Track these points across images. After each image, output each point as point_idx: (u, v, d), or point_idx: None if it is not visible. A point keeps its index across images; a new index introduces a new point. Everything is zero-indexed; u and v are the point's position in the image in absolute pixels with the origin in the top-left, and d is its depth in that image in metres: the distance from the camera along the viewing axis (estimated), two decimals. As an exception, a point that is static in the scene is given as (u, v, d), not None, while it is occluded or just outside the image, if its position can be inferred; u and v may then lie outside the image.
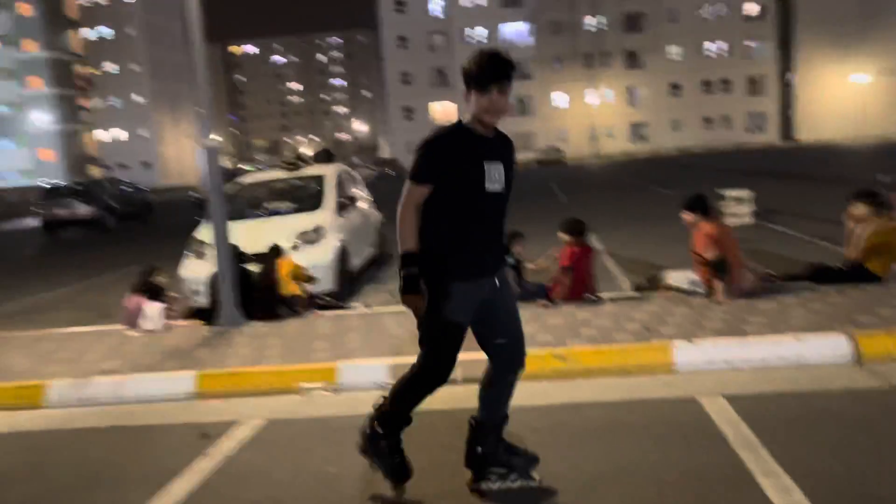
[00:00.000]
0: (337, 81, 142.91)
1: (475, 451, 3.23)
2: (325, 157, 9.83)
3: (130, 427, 4.50)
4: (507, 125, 3.25)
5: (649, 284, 6.81)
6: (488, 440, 3.23)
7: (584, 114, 66.86)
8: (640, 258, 9.05)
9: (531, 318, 5.86)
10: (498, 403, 3.23)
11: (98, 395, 5.05)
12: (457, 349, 3.05)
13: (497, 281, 3.13)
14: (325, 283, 7.69)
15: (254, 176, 10.43)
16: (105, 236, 20.26)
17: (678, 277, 6.40)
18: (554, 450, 3.62)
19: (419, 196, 3.00)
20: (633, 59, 66.49)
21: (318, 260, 7.65)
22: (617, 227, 12.17)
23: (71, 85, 67.25)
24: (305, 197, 8.72)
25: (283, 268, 6.97)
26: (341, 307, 7.35)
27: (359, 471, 3.44)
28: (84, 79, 69.76)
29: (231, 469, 3.72)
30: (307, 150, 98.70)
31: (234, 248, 7.10)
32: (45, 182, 30.86)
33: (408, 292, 2.94)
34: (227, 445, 4.02)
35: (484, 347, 3.19)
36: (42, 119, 64.35)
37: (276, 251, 7.02)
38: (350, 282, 8.46)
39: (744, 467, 3.27)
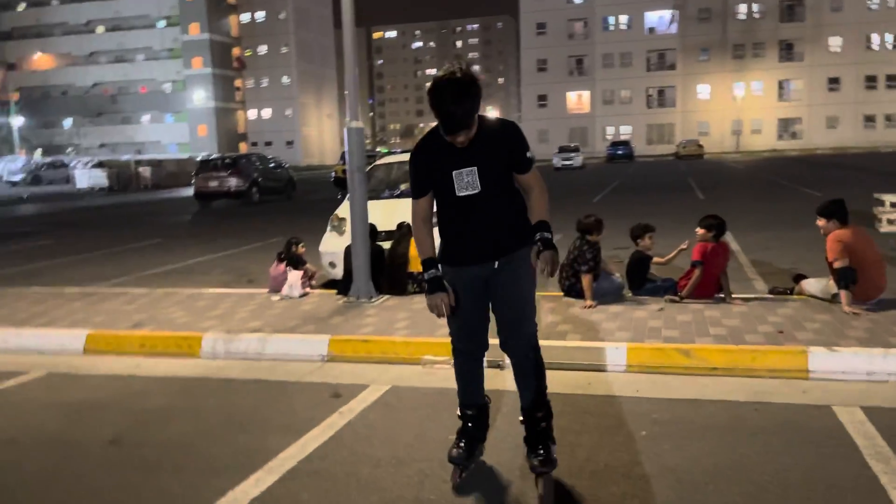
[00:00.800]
0: (472, 68, 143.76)
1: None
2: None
3: (271, 381, 4.90)
4: (645, 116, 3.23)
5: (785, 290, 6.52)
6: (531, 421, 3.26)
7: (728, 107, 63.60)
8: (780, 262, 8.62)
9: (654, 314, 5.80)
10: (519, 386, 3.27)
11: (244, 349, 5.53)
12: (457, 324, 3.24)
13: (497, 268, 3.17)
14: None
15: (389, 158, 10.84)
16: (250, 208, 21.69)
17: (814, 285, 6.10)
18: (672, 441, 3.62)
19: (420, 210, 3.23)
20: (788, 51, 62.42)
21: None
22: (757, 229, 11.61)
23: (228, 65, 72.17)
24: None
25: (413, 246, 7.27)
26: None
27: (478, 441, 3.60)
28: (239, 60, 74.60)
29: (359, 427, 3.99)
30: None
31: (371, 226, 7.49)
32: (203, 155, 33.25)
33: (431, 292, 3.12)
34: (356, 406, 4.31)
35: None
36: (200, 97, 69.50)
37: (407, 229, 7.32)
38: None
39: (876, 480, 3.13)
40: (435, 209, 3.27)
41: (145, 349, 5.72)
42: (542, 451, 3.15)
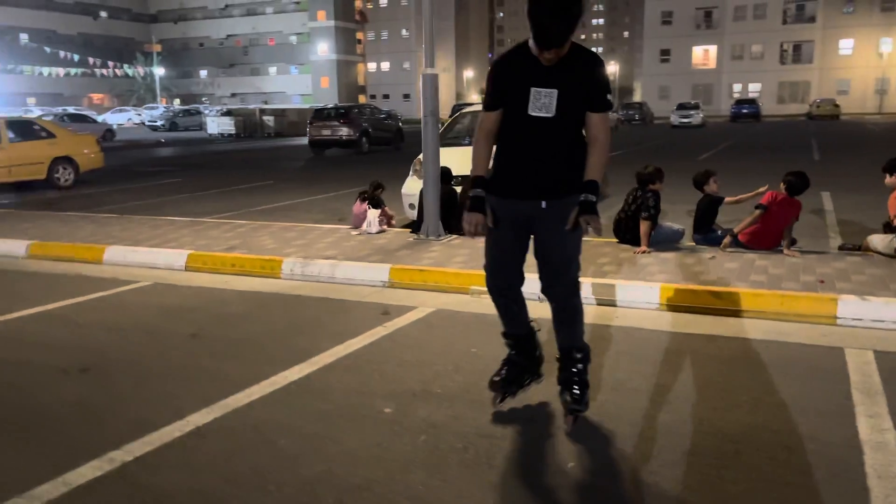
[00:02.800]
0: (596, 21, 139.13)
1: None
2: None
3: (334, 299, 5.55)
4: (777, 72, 3.26)
5: (854, 246, 6.45)
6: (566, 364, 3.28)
7: (872, 64, 58.61)
8: (870, 223, 8.36)
9: (703, 261, 5.98)
10: (557, 328, 3.26)
11: (317, 273, 6.21)
12: (494, 257, 3.20)
13: (544, 208, 3.06)
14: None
15: (474, 106, 11.22)
16: (359, 157, 22.72)
17: (879, 241, 6.03)
18: (673, 365, 3.94)
19: (486, 123, 3.13)
20: (946, 2, 56.47)
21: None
22: (861, 192, 11.10)
23: (351, 18, 73.88)
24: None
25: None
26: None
27: (496, 355, 4.07)
28: (360, 13, 76.16)
29: (397, 337, 4.55)
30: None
31: (445, 169, 7.98)
32: (316, 105, 34.67)
33: (471, 210, 3.07)
34: (400, 322, 4.87)
35: None
36: (323, 49, 71.71)
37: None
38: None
39: (851, 407, 3.34)
40: (500, 131, 3.13)
41: (235, 269, 6.53)
42: (576, 392, 3.16)
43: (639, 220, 6.59)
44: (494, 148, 3.18)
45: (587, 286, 5.33)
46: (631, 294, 5.26)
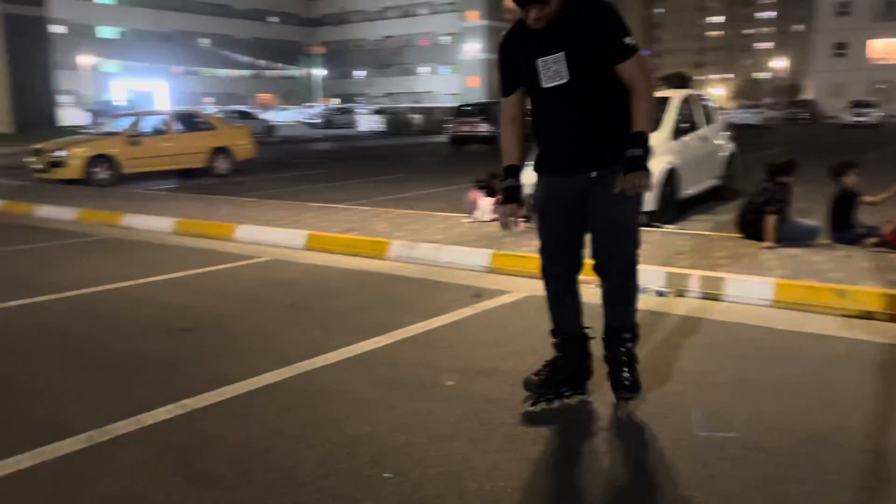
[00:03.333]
0: (765, 14, 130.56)
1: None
2: (677, 81, 9.79)
3: (431, 280, 5.61)
4: None
5: None
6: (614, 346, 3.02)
7: None
8: None
9: (833, 259, 5.45)
10: (606, 307, 3.01)
11: (421, 255, 6.31)
12: (548, 240, 3.01)
13: (595, 179, 2.84)
14: (647, 202, 7.96)
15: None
16: (496, 152, 22.70)
17: None
18: (767, 366, 3.63)
19: (508, 109, 3.03)
20: None
21: (642, 179, 7.96)
22: None
23: (499, 17, 74.27)
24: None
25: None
26: (659, 227, 7.59)
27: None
28: (509, 11, 76.36)
29: (481, 318, 4.53)
30: (719, 89, 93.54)
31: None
32: (460, 104, 35.19)
33: (505, 202, 2.98)
34: (488, 304, 4.84)
35: None
36: (473, 48, 72.64)
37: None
38: (679, 207, 8.57)
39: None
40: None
41: (347, 249, 6.78)
42: (626, 374, 2.94)
43: (764, 214, 6.12)
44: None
45: (694, 278, 5.03)
46: (740, 288, 4.89)
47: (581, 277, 3.09)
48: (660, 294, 5.06)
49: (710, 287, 4.97)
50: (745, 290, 4.86)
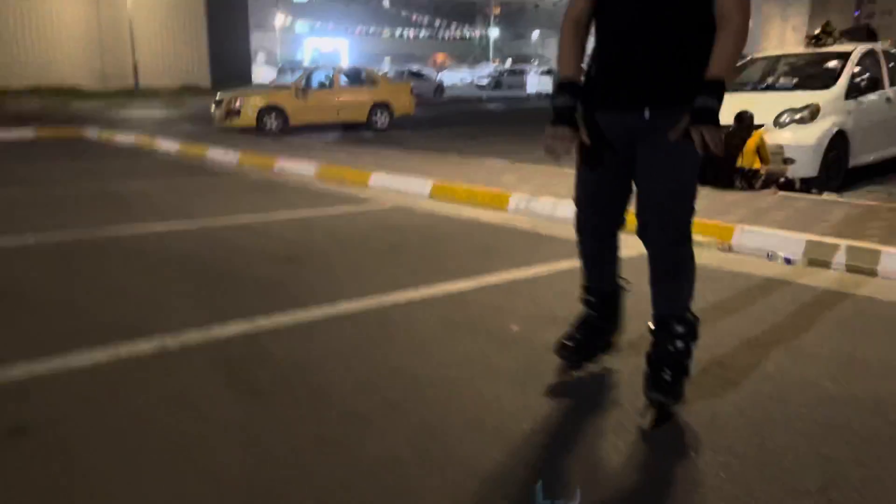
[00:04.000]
0: None
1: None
2: (861, 34, 8.65)
3: (541, 234, 5.46)
4: None
5: None
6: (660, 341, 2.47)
7: None
8: None
9: None
10: (654, 287, 2.47)
11: (539, 209, 6.15)
12: (590, 186, 2.51)
13: (648, 120, 2.34)
14: (804, 167, 7.21)
15: (770, 51, 9.89)
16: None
17: None
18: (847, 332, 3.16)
19: (575, 9, 2.46)
20: None
21: (801, 140, 7.20)
22: None
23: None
24: (815, 75, 8.01)
25: (750, 142, 6.82)
26: (809, 193, 6.84)
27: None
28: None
29: (575, 272, 4.32)
30: None
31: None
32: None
33: (553, 123, 2.39)
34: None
35: None
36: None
37: (741, 120, 6.88)
38: (846, 174, 7.67)
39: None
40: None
41: (469, 200, 6.76)
42: (667, 377, 2.36)
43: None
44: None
45: (841, 250, 4.45)
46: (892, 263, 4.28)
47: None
48: (788, 261, 4.56)
49: (861, 259, 4.38)
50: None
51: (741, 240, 4.90)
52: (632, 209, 2.51)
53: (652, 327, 2.49)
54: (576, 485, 2.00)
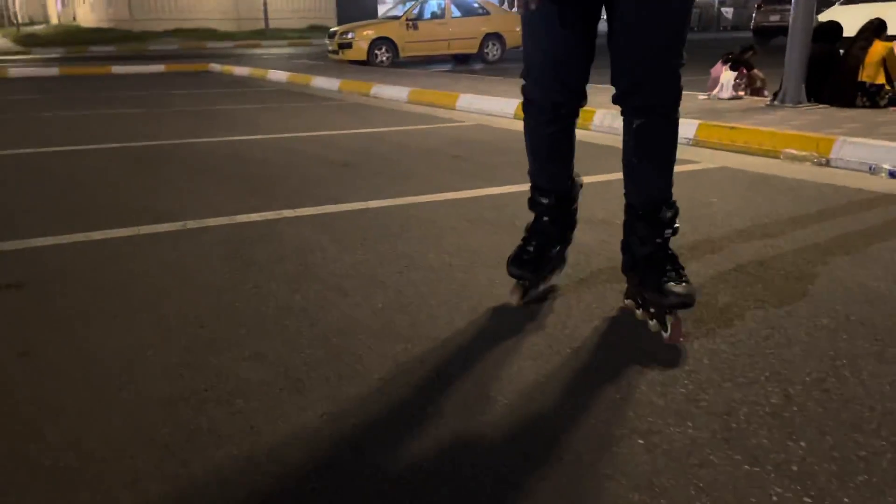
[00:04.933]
0: None
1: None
2: None
3: (614, 147, 5.07)
4: None
5: None
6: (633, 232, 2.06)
7: None
8: None
9: None
10: (630, 167, 2.03)
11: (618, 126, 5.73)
12: (543, 55, 1.96)
13: None
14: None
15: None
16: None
17: None
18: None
19: None
20: None
21: (944, 53, 6.25)
22: None
23: None
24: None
25: (875, 52, 5.97)
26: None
27: (733, 210, 3.33)
28: None
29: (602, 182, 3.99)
30: None
31: (832, 24, 6.45)
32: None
33: None
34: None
35: None
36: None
37: (870, 31, 6.03)
38: None
39: None
40: None
41: (552, 118, 6.44)
42: (672, 272, 1.93)
43: None
44: None
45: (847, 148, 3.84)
46: None
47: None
48: (893, 175, 3.97)
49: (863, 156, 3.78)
50: None
51: (841, 152, 4.33)
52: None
53: (634, 221, 2.02)
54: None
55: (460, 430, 1.51)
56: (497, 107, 7.12)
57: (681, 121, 2.00)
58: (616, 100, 1.96)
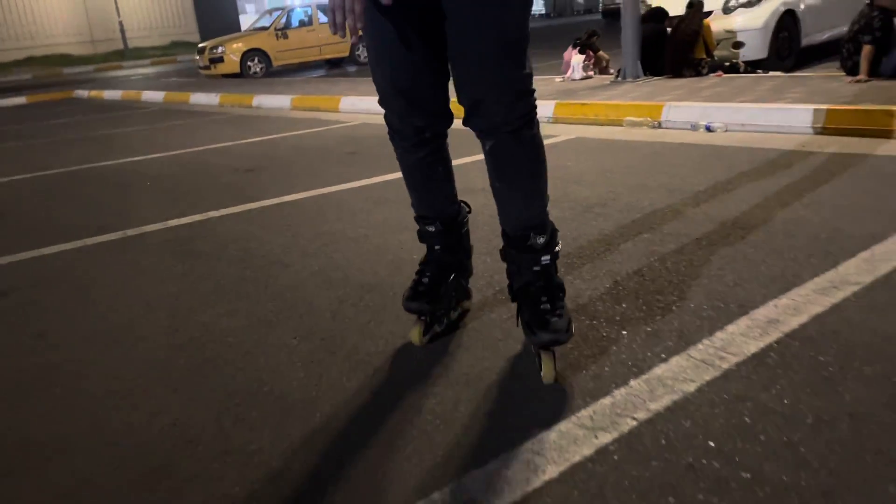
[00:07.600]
0: None
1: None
2: None
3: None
4: None
5: None
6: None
7: None
8: None
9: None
10: (498, 193, 1.83)
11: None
12: (390, 75, 1.75)
13: None
14: (754, 49, 7.43)
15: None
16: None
17: None
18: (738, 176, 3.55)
19: None
20: None
21: (749, 24, 7.42)
22: None
23: None
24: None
25: (705, 28, 7.02)
26: (754, 73, 7.08)
27: (619, 180, 4.06)
28: None
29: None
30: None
31: (659, 10, 7.45)
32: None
33: None
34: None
35: None
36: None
37: (698, 7, 7.04)
38: (799, 53, 7.87)
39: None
40: None
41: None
42: (545, 304, 1.78)
43: (859, 42, 5.57)
44: None
45: (730, 111, 4.79)
46: (772, 118, 4.63)
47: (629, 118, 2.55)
48: (708, 129, 4.90)
49: (739, 118, 4.76)
50: (780, 119, 4.61)
51: (669, 115, 5.23)
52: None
53: (507, 248, 1.87)
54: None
55: (394, 335, 2.12)
56: (377, 105, 7.70)
57: (539, 102, 1.82)
58: (464, 122, 1.74)
